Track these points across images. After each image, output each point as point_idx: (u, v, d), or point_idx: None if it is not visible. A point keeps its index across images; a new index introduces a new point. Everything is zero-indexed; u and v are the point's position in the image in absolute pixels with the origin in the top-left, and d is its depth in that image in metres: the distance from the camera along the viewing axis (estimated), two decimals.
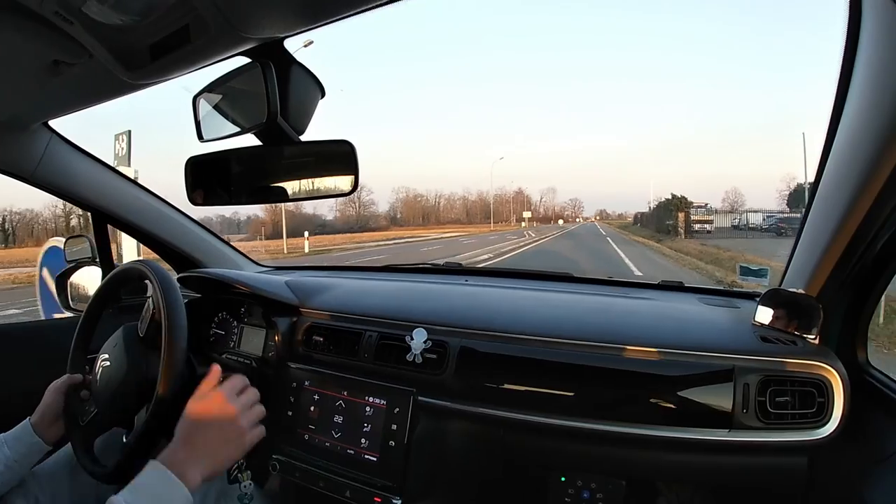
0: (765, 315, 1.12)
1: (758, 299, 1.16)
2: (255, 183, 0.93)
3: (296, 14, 0.72)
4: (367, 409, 1.19)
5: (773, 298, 1.12)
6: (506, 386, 1.13)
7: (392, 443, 1.14)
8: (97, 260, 1.57)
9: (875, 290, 1.03)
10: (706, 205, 39.59)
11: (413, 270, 1.93)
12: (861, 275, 1.01)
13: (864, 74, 0.74)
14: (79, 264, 1.57)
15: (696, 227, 31.65)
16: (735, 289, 1.52)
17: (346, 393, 1.22)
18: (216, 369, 0.92)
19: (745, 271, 1.49)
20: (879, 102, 0.71)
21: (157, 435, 0.94)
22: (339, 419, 1.21)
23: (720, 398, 1.00)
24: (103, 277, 1.49)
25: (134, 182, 1.53)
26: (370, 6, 0.69)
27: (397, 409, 1.16)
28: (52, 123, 1.28)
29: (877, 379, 1.04)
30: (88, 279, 1.56)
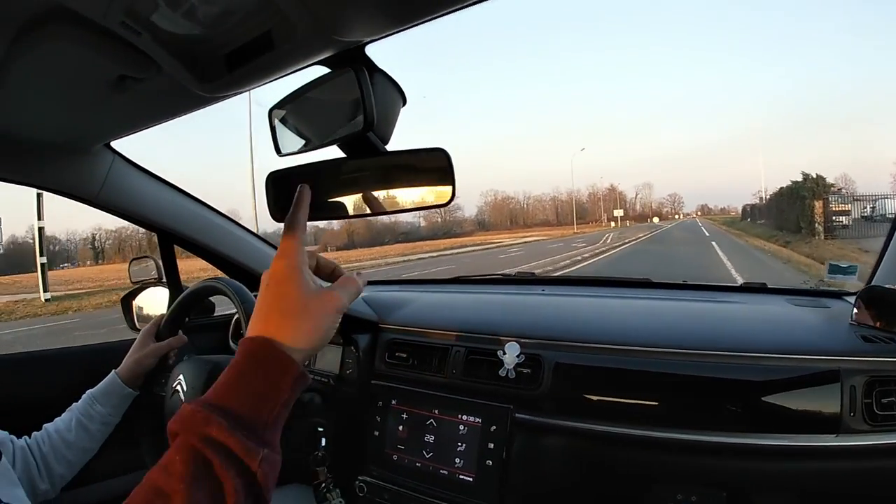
0: (863, 314, 1.07)
1: (852, 298, 1.12)
2: (344, 197, 0.87)
3: (387, 14, 0.65)
4: (461, 427, 1.14)
5: (870, 296, 1.08)
6: (604, 399, 1.08)
7: (489, 462, 1.10)
8: (163, 280, 1.54)
9: None
10: (840, 189, 26.43)
11: (484, 282, 1.91)
12: None
13: None
14: (144, 285, 1.54)
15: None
16: (822, 288, 1.48)
17: (437, 411, 1.18)
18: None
19: (835, 269, 1.44)
20: None
21: None
22: (430, 438, 1.17)
23: (826, 402, 0.96)
24: (170, 298, 1.47)
25: (198, 200, 1.49)
26: (462, 5, 0.63)
27: (494, 427, 1.11)
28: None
29: None
30: (153, 300, 1.54)
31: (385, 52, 0.75)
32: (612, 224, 61.03)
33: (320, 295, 0.59)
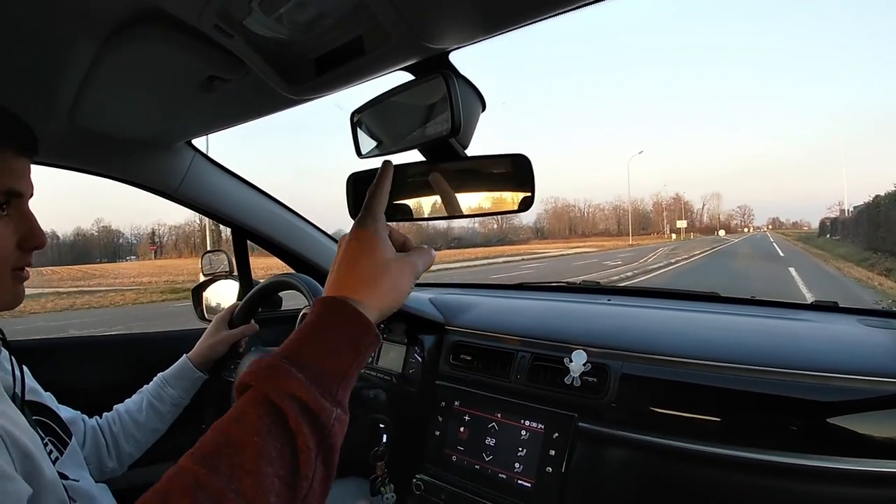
0: None
1: None
2: (422, 199, 0.88)
3: (475, 22, 0.66)
4: (523, 432, 1.14)
5: None
6: (669, 412, 1.06)
7: (549, 469, 1.09)
8: (234, 274, 1.60)
9: None
10: None
11: (548, 289, 1.88)
12: None
13: None
14: (215, 277, 1.60)
15: None
16: (894, 309, 1.35)
17: (499, 415, 1.18)
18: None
19: None
20: None
21: None
22: (491, 441, 1.17)
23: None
24: (241, 291, 1.52)
25: (271, 198, 1.54)
26: (547, 15, 0.63)
27: (556, 434, 1.10)
28: None
29: None
30: (223, 292, 1.59)
31: (464, 59, 0.75)
32: (674, 236, 56.18)
33: (398, 259, 0.61)
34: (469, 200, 0.82)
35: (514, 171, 0.78)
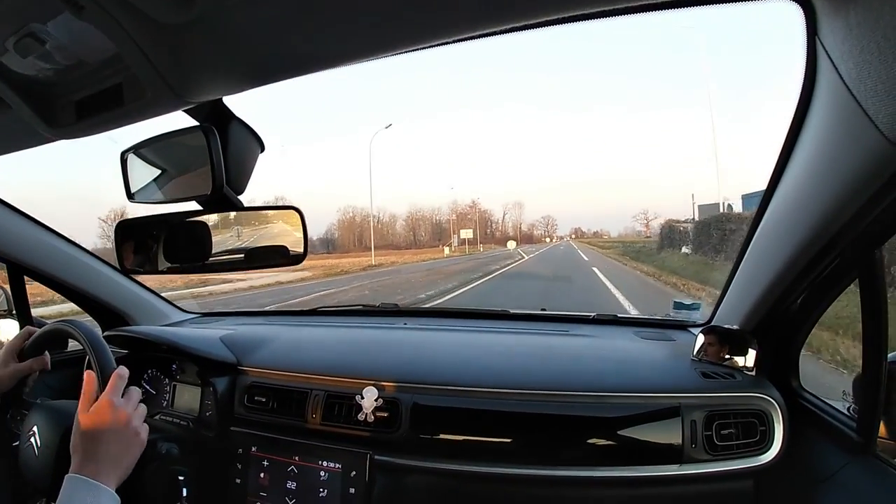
0: (703, 350, 1.18)
1: (696, 333, 1.22)
2: (195, 250, 0.87)
3: (238, 77, 0.67)
4: (322, 473, 1.14)
5: (711, 334, 1.19)
6: (460, 438, 1.12)
7: None
8: (14, 312, 1.44)
9: (808, 323, 1.09)
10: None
11: (346, 313, 1.89)
12: (795, 310, 1.07)
13: (813, 131, 0.78)
14: None
15: None
16: (668, 319, 1.58)
17: (297, 458, 1.17)
18: (91, 375, 0.89)
19: (679, 306, 1.58)
20: (824, 171, 0.76)
21: None
22: (292, 485, 1.16)
23: (669, 435, 1.05)
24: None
25: (53, 231, 1.41)
26: (314, 70, 0.66)
27: (354, 473, 1.12)
28: None
29: (811, 402, 1.11)
30: (3, 332, 1.42)
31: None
32: (447, 250, 46.63)
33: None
34: (245, 251, 0.83)
35: (289, 223, 0.81)
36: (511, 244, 48.21)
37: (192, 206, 0.79)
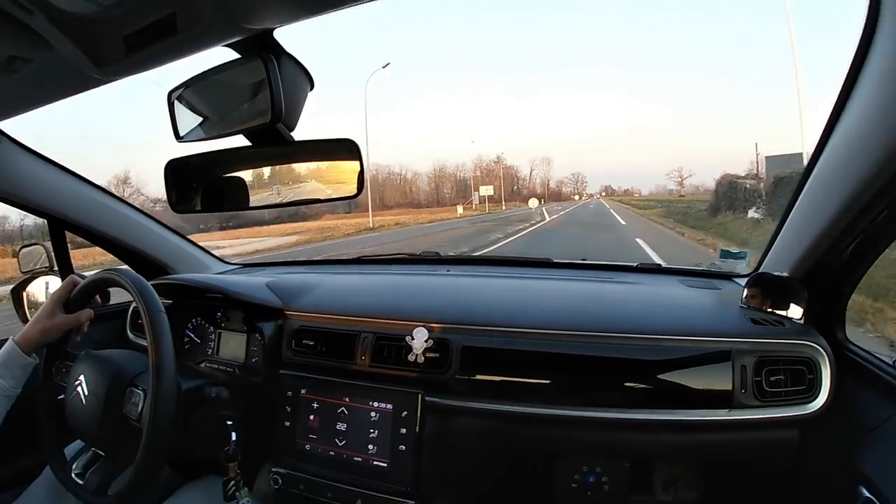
0: (752, 297, 1.17)
1: (742, 281, 1.20)
2: (246, 187, 0.86)
3: (295, 2, 0.65)
4: (373, 414, 1.16)
5: (760, 282, 1.17)
6: (508, 379, 1.12)
7: (402, 447, 1.12)
8: (55, 269, 1.45)
9: (857, 274, 1.07)
10: None
11: (388, 262, 1.89)
12: (845, 259, 1.05)
13: (876, 68, 0.75)
14: (35, 274, 1.45)
15: None
16: (714, 269, 1.56)
17: (347, 399, 1.18)
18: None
19: (725, 254, 1.54)
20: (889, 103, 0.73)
21: (159, 461, 0.89)
22: (342, 427, 1.18)
23: (719, 380, 1.04)
24: None
25: (93, 185, 1.42)
26: None
27: (405, 413, 1.13)
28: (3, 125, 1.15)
29: (857, 354, 1.10)
30: (46, 290, 1.44)
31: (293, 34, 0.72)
32: (460, 209, 40.87)
33: None
34: (297, 187, 0.82)
35: (343, 156, 0.79)
36: (533, 202, 42.65)
37: (241, 142, 0.78)
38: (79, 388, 0.98)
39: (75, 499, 0.98)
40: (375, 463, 1.14)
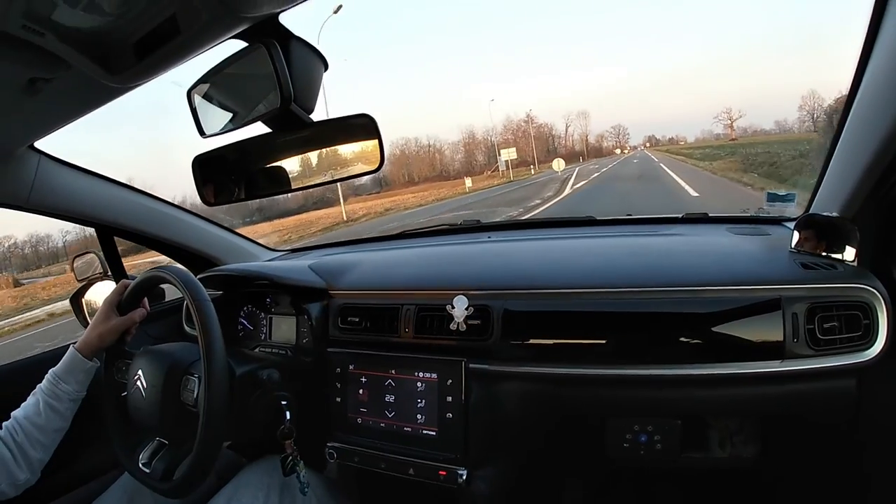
0: (802, 241, 1.11)
1: (792, 225, 1.14)
2: (272, 173, 0.88)
3: None
4: (419, 384, 1.18)
5: (809, 224, 1.11)
6: (551, 342, 1.12)
7: (450, 415, 1.14)
8: (109, 274, 1.52)
9: None
10: None
11: (430, 233, 1.90)
12: (894, 196, 0.98)
13: None
14: (90, 281, 1.52)
15: None
16: (762, 215, 1.49)
17: (394, 371, 1.21)
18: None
19: (773, 197, 1.47)
20: None
21: (217, 443, 0.93)
22: (390, 398, 1.21)
23: (770, 330, 0.99)
24: None
25: (133, 189, 1.47)
26: None
27: (450, 381, 1.15)
28: (39, 143, 1.20)
29: None
30: (103, 295, 1.52)
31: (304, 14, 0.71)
32: (468, 182, 33.75)
33: None
34: (321, 167, 0.83)
35: (361, 131, 0.79)
36: (558, 164, 33.70)
37: (262, 130, 0.79)
38: (138, 383, 1.03)
39: (152, 491, 1.03)
40: (425, 432, 1.16)
